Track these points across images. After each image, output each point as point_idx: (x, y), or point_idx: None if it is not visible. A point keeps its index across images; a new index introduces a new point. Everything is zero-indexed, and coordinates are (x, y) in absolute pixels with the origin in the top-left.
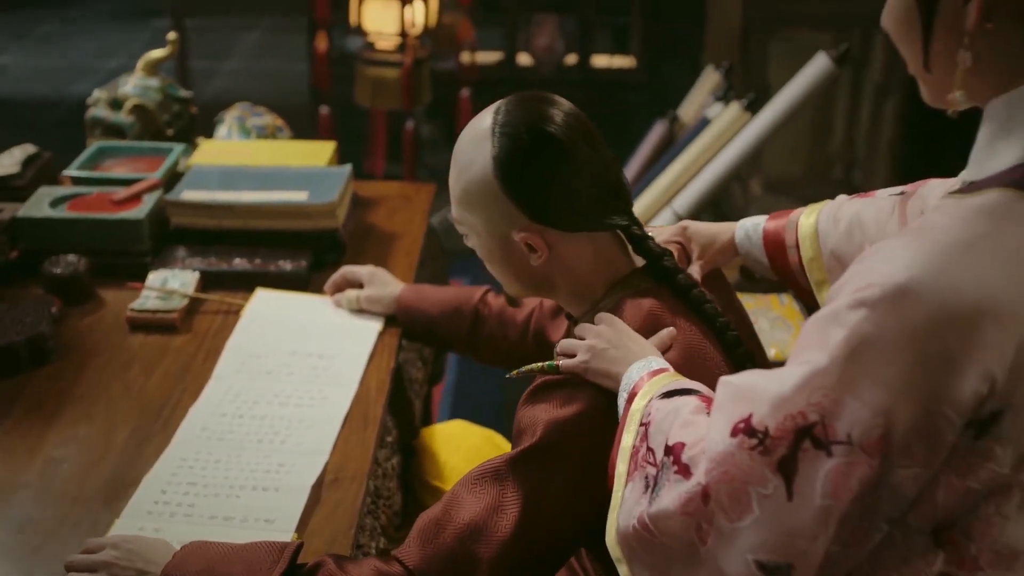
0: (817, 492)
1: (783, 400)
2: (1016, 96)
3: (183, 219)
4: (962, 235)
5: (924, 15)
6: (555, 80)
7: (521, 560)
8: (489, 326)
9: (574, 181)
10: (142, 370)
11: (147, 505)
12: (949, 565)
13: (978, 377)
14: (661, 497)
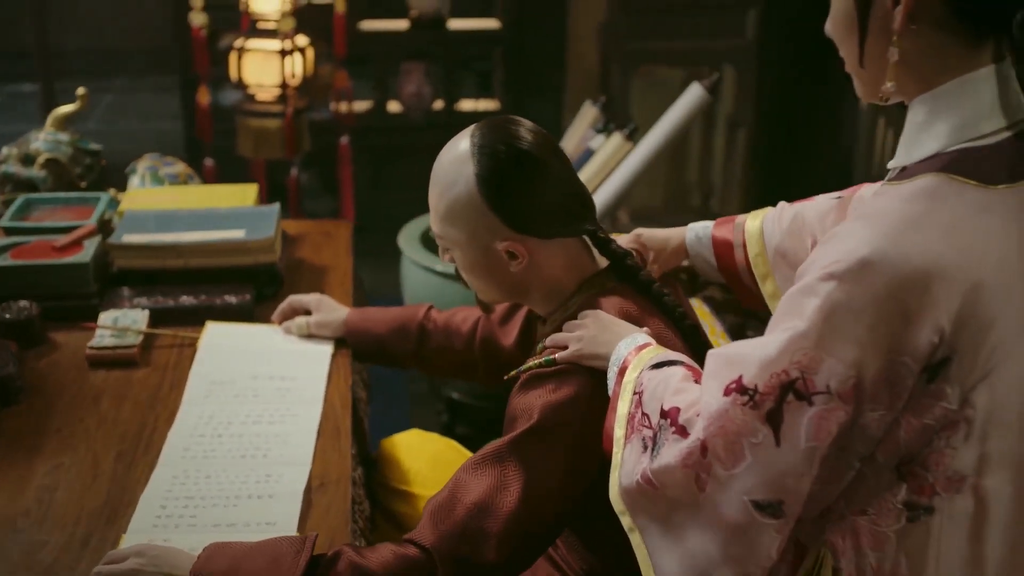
0: (801, 437)
1: (769, 361)
2: (937, 93)
3: (127, 261)
4: (906, 214)
5: (860, 17)
6: (424, 124)
7: (525, 531)
8: (436, 339)
9: (549, 192)
10: (112, 402)
11: (150, 520)
12: (911, 494)
13: (930, 329)
14: (662, 454)
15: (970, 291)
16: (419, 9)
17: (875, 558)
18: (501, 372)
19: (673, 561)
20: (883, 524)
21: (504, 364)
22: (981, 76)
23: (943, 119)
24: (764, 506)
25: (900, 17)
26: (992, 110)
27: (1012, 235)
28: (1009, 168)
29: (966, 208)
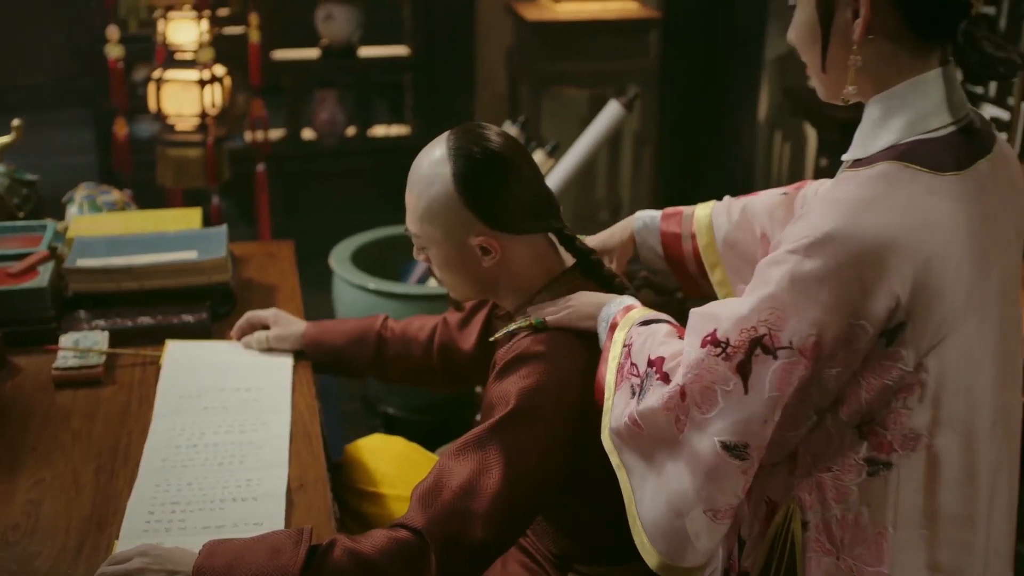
0: (766, 387)
1: (741, 318)
2: (891, 93)
3: (82, 285)
4: (865, 195)
5: (823, 29)
6: (338, 150)
7: (509, 510)
8: (393, 348)
9: (520, 190)
10: (83, 420)
11: (140, 525)
12: (871, 451)
13: (886, 296)
14: (647, 398)
15: (922, 264)
16: (329, 38)
17: (839, 510)
18: (459, 377)
19: (653, 497)
20: (846, 479)
21: (463, 368)
22: (930, 78)
23: (897, 116)
24: (731, 447)
25: (860, 29)
26: (940, 107)
27: (959, 217)
28: (955, 158)
29: (918, 192)
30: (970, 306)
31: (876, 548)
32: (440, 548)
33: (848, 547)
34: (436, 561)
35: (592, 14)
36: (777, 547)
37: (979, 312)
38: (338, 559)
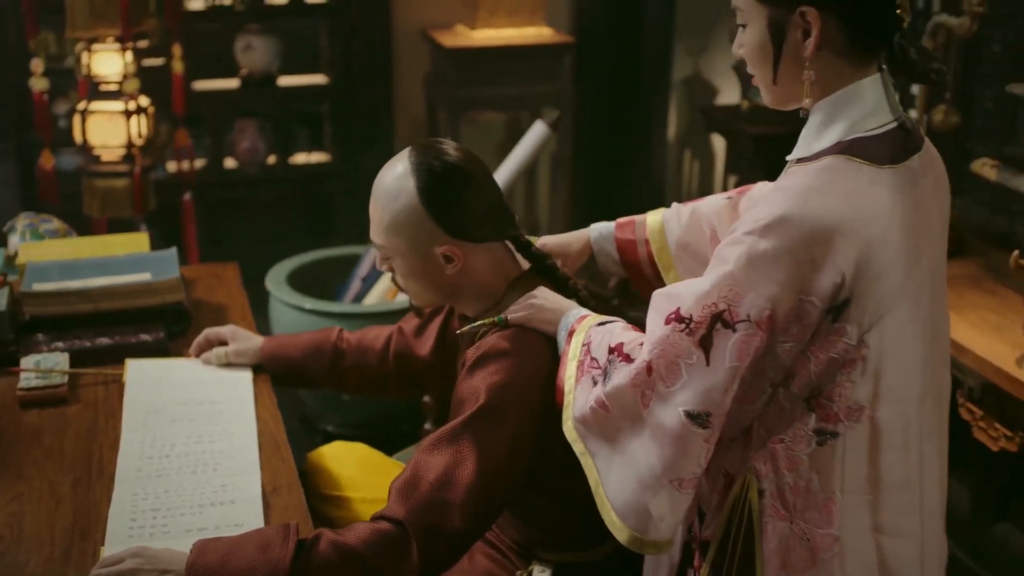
0: (727, 358)
1: (703, 295)
2: (834, 99)
3: (38, 309)
4: (814, 183)
5: (775, 48)
6: (260, 179)
7: (484, 499)
8: (350, 357)
9: (479, 200)
10: (53, 437)
11: (124, 531)
12: (819, 422)
13: (833, 273)
14: (613, 378)
15: (864, 247)
16: (249, 68)
17: (791, 478)
18: (415, 382)
19: (620, 476)
20: (797, 449)
21: (419, 374)
22: (868, 83)
23: (840, 118)
24: (695, 416)
25: (811, 48)
26: (877, 109)
27: (895, 207)
28: (892, 153)
29: (861, 181)
30: (905, 289)
31: (826, 512)
32: (421, 537)
33: (800, 512)
34: (417, 549)
35: (507, 40)
36: (736, 515)
37: (913, 295)
38: (324, 551)
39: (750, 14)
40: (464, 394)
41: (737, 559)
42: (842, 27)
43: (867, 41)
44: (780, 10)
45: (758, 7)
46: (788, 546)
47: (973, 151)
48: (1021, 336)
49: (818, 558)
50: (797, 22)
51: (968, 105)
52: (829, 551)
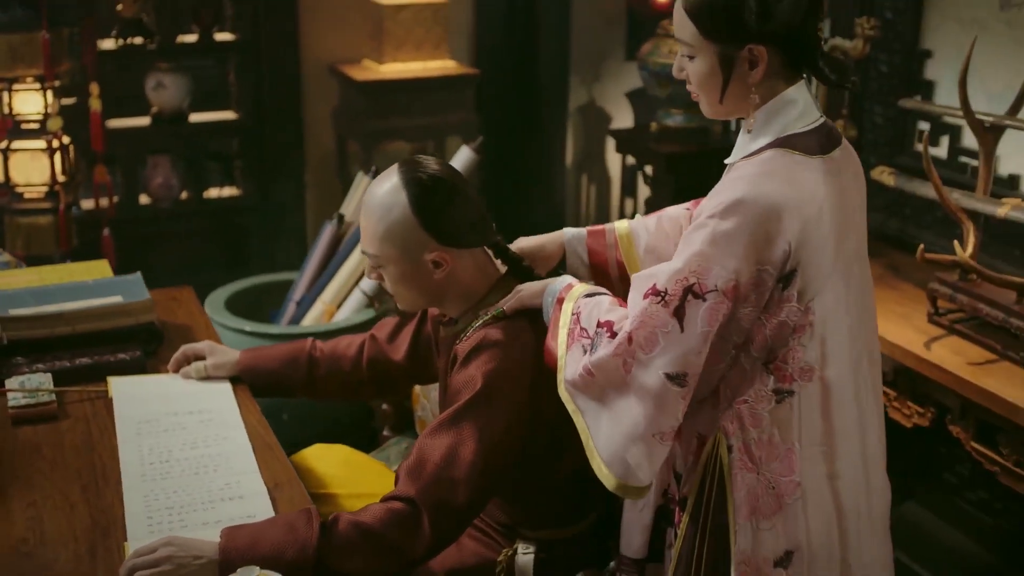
0: (699, 324)
1: (675, 272)
2: (768, 107)
3: (17, 333)
4: (761, 170)
5: (725, 76)
6: (175, 213)
7: (485, 475)
8: (324, 365)
9: (465, 210)
10: (52, 451)
11: (143, 528)
12: (777, 382)
13: (783, 245)
14: (598, 351)
15: (804, 223)
16: (160, 106)
17: (755, 433)
18: (389, 386)
19: (607, 431)
20: (759, 407)
21: (393, 377)
22: (794, 92)
23: (775, 121)
24: (673, 377)
25: (759, 75)
26: (803, 112)
27: (825, 190)
28: (819, 145)
29: (798, 169)
30: (836, 263)
31: (787, 461)
32: (431, 512)
33: (766, 463)
34: (428, 523)
35: (415, 72)
36: (709, 470)
37: (843, 269)
38: (344, 531)
39: (699, 49)
40: (460, 383)
41: (712, 509)
42: (780, 55)
43: (799, 63)
44: (730, 47)
45: (708, 43)
46: (756, 494)
47: (867, 161)
48: (925, 323)
49: (783, 503)
50: (745, 56)
51: (861, 120)
52: (792, 496)
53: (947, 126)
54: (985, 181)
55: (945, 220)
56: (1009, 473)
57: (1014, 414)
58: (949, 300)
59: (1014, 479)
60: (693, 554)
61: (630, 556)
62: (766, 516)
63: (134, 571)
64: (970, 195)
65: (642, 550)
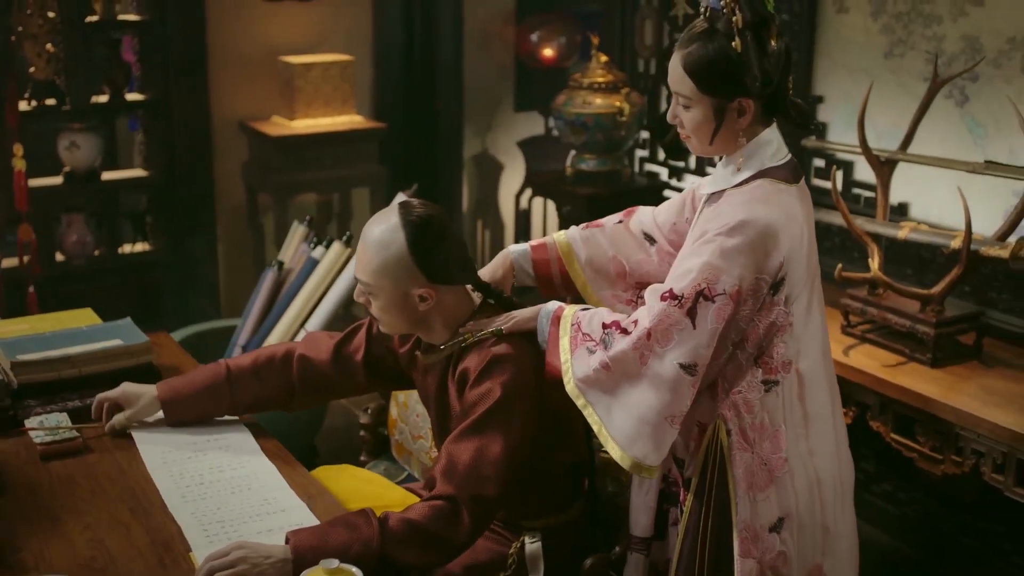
0: (708, 322)
1: (690, 279)
2: (751, 145)
3: (28, 376)
4: (757, 196)
5: (717, 122)
6: (90, 269)
7: (509, 471)
8: (244, 382)
9: (454, 252)
10: (88, 480)
11: (203, 539)
12: (765, 374)
13: (779, 259)
14: (615, 346)
15: (791, 241)
16: (72, 165)
17: (749, 419)
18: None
19: (621, 419)
20: (751, 396)
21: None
22: (769, 134)
23: (755, 158)
24: (686, 367)
25: (746, 122)
26: (777, 150)
27: (800, 212)
28: (793, 176)
29: (781, 195)
30: (807, 275)
31: (776, 441)
32: (469, 505)
33: (758, 443)
34: (468, 515)
35: (325, 127)
36: (710, 453)
37: (810, 280)
38: (396, 527)
39: (694, 100)
40: (477, 396)
41: (715, 485)
42: (760, 104)
43: (775, 110)
44: (724, 100)
45: (704, 96)
46: (752, 471)
47: None
48: (840, 334)
49: (774, 476)
50: (735, 107)
51: None
52: (782, 470)
53: (841, 162)
54: (883, 208)
55: (842, 246)
56: (926, 458)
57: (928, 405)
58: (859, 313)
59: (931, 463)
60: (699, 526)
61: (638, 535)
62: (761, 488)
63: (212, 572)
64: (872, 220)
65: (648, 529)
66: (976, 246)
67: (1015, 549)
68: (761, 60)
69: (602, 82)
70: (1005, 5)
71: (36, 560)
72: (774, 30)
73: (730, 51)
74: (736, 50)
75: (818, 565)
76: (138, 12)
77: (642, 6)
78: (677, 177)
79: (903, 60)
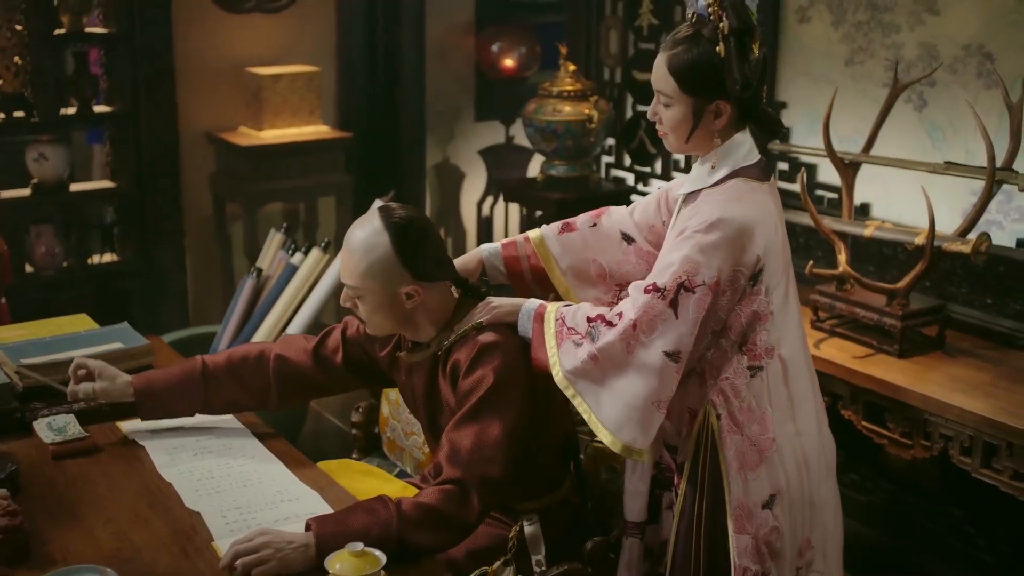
0: (690, 311)
1: (671, 273)
2: (724, 147)
3: (33, 379)
4: (732, 195)
5: (695, 123)
6: (60, 280)
7: (510, 452)
8: (220, 379)
9: (435, 250)
10: (103, 478)
11: (224, 527)
12: (749, 360)
13: (754, 252)
14: (603, 337)
15: (767, 235)
16: (40, 177)
17: (737, 403)
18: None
19: (610, 405)
20: (738, 382)
21: (300, 377)
22: (742, 136)
23: (729, 158)
24: (671, 354)
25: (723, 124)
26: (750, 151)
27: (773, 208)
28: (765, 174)
29: (755, 192)
30: (783, 266)
31: (763, 422)
32: (476, 486)
33: (747, 425)
34: (476, 496)
35: (293, 137)
36: (702, 437)
37: (786, 269)
38: (410, 510)
39: (675, 99)
40: (470, 384)
41: (708, 467)
42: (736, 108)
43: (748, 114)
44: (703, 101)
45: (685, 96)
46: (743, 451)
47: None
48: (810, 328)
49: (763, 456)
50: (712, 108)
51: None
52: (770, 450)
53: (804, 165)
54: (848, 208)
55: (806, 245)
56: (896, 443)
57: (898, 394)
58: (828, 308)
59: (901, 448)
60: (694, 507)
61: (632, 520)
62: (752, 468)
63: (238, 557)
64: (839, 220)
65: (642, 514)
66: (939, 242)
67: (976, 531)
68: (742, 66)
69: (571, 90)
70: (960, 14)
71: (63, 553)
72: (757, 38)
73: (713, 56)
74: (719, 55)
75: (807, 539)
76: (105, 25)
77: (607, 16)
78: (643, 182)
79: (863, 67)
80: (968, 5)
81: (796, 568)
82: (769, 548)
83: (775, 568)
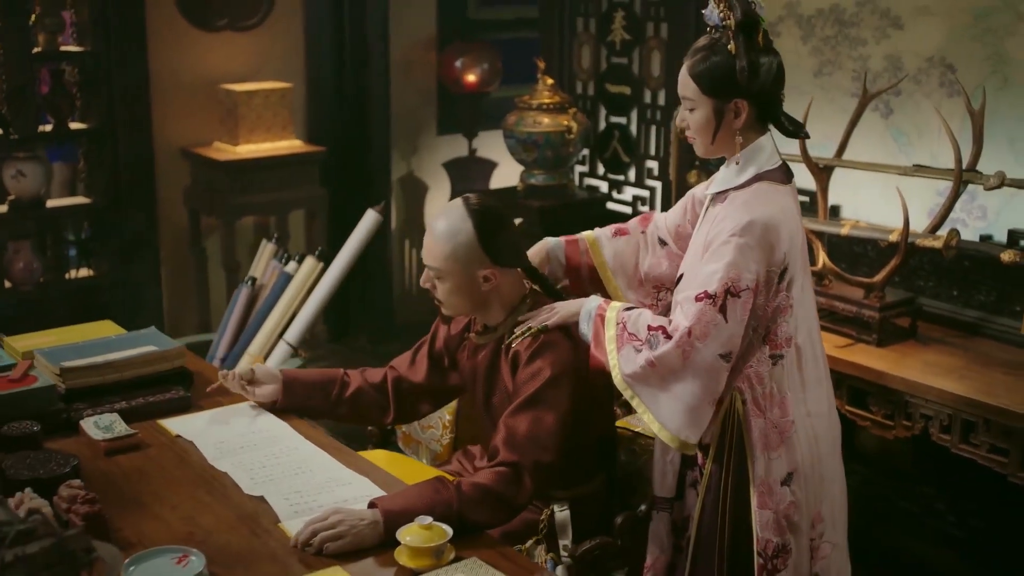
0: (738, 314)
1: (718, 279)
2: (748, 150)
3: (75, 381)
4: (758, 198)
5: (716, 123)
6: (38, 297)
7: (562, 437)
8: (352, 387)
9: (513, 237)
10: (158, 471)
11: (289, 509)
12: (771, 349)
13: (782, 251)
14: (660, 347)
15: (790, 234)
16: (18, 194)
17: (760, 389)
18: (412, 407)
19: (668, 406)
20: (761, 369)
21: (417, 397)
22: (764, 140)
23: (753, 161)
24: (724, 356)
25: (742, 123)
26: (772, 154)
27: (794, 209)
28: (786, 177)
29: (778, 194)
30: (802, 262)
31: (783, 406)
32: (530, 469)
33: (769, 409)
34: (529, 478)
35: (268, 152)
36: (728, 420)
37: (804, 269)
38: (469, 491)
39: (698, 102)
40: (528, 375)
41: (733, 448)
42: (755, 109)
43: (767, 117)
44: (722, 101)
45: (706, 98)
46: (765, 433)
47: None
48: None
49: (784, 437)
50: (732, 108)
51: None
52: (790, 431)
53: None
54: (824, 209)
55: None
56: (879, 425)
57: (880, 379)
58: None
59: (883, 428)
60: (720, 484)
61: (663, 495)
62: (774, 448)
63: (316, 534)
64: (815, 220)
65: (672, 489)
66: (912, 238)
67: (946, 508)
68: (750, 55)
69: (549, 103)
70: (922, 28)
71: (138, 536)
72: (761, 31)
73: (729, 58)
74: (731, 53)
75: (819, 511)
76: (81, 43)
77: (579, 32)
78: (617, 189)
79: (831, 78)
80: (930, 20)
81: (810, 539)
82: (788, 521)
83: (793, 539)
